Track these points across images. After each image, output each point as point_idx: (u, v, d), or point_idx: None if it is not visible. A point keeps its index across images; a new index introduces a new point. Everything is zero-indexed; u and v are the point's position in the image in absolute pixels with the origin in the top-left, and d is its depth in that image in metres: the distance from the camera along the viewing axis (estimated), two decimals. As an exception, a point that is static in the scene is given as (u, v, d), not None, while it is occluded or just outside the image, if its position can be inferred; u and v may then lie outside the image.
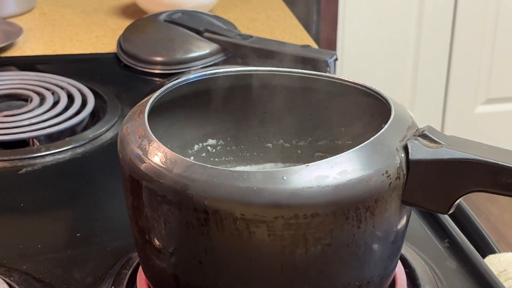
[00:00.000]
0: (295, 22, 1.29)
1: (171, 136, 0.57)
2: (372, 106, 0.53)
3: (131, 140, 0.48)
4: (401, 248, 0.52)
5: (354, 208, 0.44)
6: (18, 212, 0.71)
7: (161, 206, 0.45)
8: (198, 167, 0.44)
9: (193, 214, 0.44)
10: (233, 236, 0.44)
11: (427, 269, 0.59)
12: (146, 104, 0.51)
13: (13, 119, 0.86)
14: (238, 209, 0.43)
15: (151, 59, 1.03)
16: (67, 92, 0.94)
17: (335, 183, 0.43)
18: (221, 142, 0.61)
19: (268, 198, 0.43)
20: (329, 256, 0.46)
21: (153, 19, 1.11)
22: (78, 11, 1.33)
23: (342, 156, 0.44)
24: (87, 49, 1.15)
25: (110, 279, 0.58)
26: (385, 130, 0.47)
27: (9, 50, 1.14)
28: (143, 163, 0.46)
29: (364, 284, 0.49)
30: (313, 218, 0.43)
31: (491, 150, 0.47)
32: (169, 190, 0.44)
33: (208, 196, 0.43)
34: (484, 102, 2.16)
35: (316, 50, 0.98)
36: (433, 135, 0.47)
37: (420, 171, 0.46)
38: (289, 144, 0.61)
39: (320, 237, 0.44)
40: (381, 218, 0.46)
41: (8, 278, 0.58)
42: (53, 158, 0.79)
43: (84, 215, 0.70)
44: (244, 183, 0.43)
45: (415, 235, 0.65)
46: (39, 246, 0.64)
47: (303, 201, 0.43)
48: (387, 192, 0.45)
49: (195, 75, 0.56)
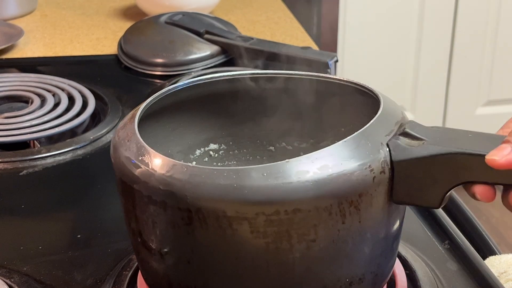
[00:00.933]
0: (296, 24, 1.29)
1: (172, 141, 0.58)
2: (369, 105, 0.53)
3: (120, 144, 0.48)
4: (397, 247, 0.52)
5: (336, 203, 0.44)
6: (19, 213, 0.71)
7: (148, 207, 0.46)
8: (180, 166, 0.44)
9: (177, 213, 0.44)
10: (217, 234, 0.44)
11: (427, 271, 0.59)
12: (138, 109, 0.51)
13: (14, 121, 0.86)
14: (220, 207, 0.43)
15: (152, 60, 1.04)
16: (68, 94, 0.94)
17: (316, 177, 0.43)
18: (223, 146, 0.61)
19: (248, 195, 0.43)
20: (315, 253, 0.46)
21: (153, 21, 1.11)
22: (79, 13, 1.34)
23: (323, 151, 0.44)
24: (88, 51, 1.15)
25: (110, 280, 0.58)
26: (371, 124, 0.47)
27: (10, 51, 1.14)
28: (131, 166, 0.46)
29: (355, 281, 0.48)
30: (295, 214, 0.43)
31: (475, 138, 0.47)
32: (154, 191, 0.45)
33: (190, 195, 0.43)
34: (485, 103, 2.16)
35: (317, 52, 0.98)
36: (414, 131, 0.47)
37: (404, 170, 0.46)
38: (292, 147, 0.61)
39: (304, 233, 0.44)
40: (367, 213, 0.46)
41: (9, 279, 0.58)
42: (54, 159, 0.79)
43: (85, 216, 0.70)
44: (225, 180, 0.43)
45: (415, 236, 0.65)
46: (40, 247, 0.64)
47: (283, 196, 0.43)
48: (372, 187, 0.45)
49: (193, 79, 0.56)
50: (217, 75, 0.57)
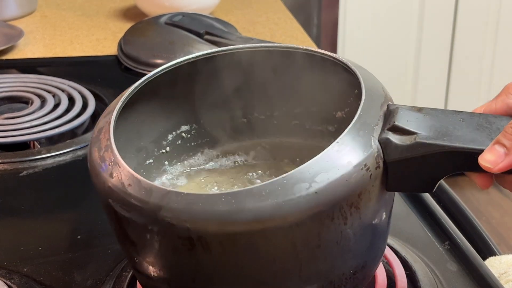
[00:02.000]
0: (296, 24, 1.29)
1: (143, 133, 0.57)
2: (342, 74, 0.52)
3: (101, 168, 0.47)
4: (390, 225, 0.52)
5: (338, 208, 0.44)
6: (19, 214, 0.71)
7: (145, 235, 0.45)
8: (174, 195, 0.43)
9: (178, 241, 0.43)
10: (221, 256, 0.44)
11: (427, 271, 0.59)
12: (110, 121, 0.49)
13: (14, 122, 0.86)
14: (222, 232, 0.42)
15: (152, 61, 1.04)
16: (68, 95, 0.94)
17: (315, 189, 0.42)
18: (194, 126, 0.60)
19: (249, 218, 0.42)
20: (320, 256, 0.45)
21: (153, 21, 1.11)
22: (79, 13, 1.34)
23: (318, 158, 0.43)
24: (88, 52, 1.15)
25: (110, 281, 0.58)
26: (358, 117, 0.46)
27: (10, 52, 1.14)
28: (119, 194, 0.45)
29: (359, 269, 0.49)
30: (298, 227, 0.43)
31: (468, 125, 0.46)
32: (150, 220, 0.43)
33: (190, 224, 0.42)
34: (485, 104, 2.16)
35: (317, 52, 0.98)
36: (404, 122, 0.46)
37: (398, 167, 0.46)
38: (264, 116, 0.60)
39: (309, 242, 0.44)
40: (367, 208, 0.46)
41: (9, 280, 0.58)
42: (54, 160, 0.79)
43: (85, 217, 0.70)
44: (224, 206, 0.42)
45: (416, 237, 0.65)
46: (40, 248, 0.64)
47: (286, 213, 0.42)
48: (369, 184, 0.45)
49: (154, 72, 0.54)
50: (177, 62, 0.55)
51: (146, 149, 0.57)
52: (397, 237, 0.64)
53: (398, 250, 0.61)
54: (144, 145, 0.57)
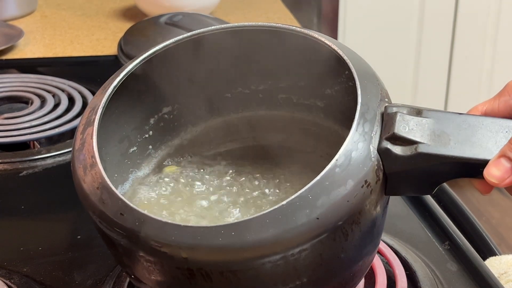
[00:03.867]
0: (296, 24, 1.29)
1: (124, 123, 0.55)
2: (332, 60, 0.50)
3: (89, 191, 0.45)
4: (383, 226, 0.51)
5: (340, 228, 0.43)
6: (19, 214, 0.71)
7: (142, 262, 0.44)
8: (171, 227, 0.41)
9: (176, 271, 0.42)
10: (222, 284, 0.43)
11: (427, 272, 0.59)
12: (92, 133, 0.47)
13: (14, 122, 0.86)
14: (223, 263, 0.42)
15: (152, 61, 1.03)
16: (68, 95, 0.94)
17: (317, 214, 0.41)
18: (176, 106, 0.58)
19: (251, 249, 0.41)
20: (322, 272, 0.45)
21: (153, 21, 1.11)
22: (79, 13, 1.34)
23: (318, 180, 0.42)
24: (88, 52, 1.15)
25: (110, 281, 0.58)
26: (356, 127, 0.43)
27: (10, 52, 1.14)
28: (110, 222, 0.43)
29: (356, 272, 0.49)
30: (301, 254, 0.42)
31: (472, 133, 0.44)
32: (146, 251, 0.42)
33: (189, 257, 0.41)
34: (485, 104, 2.15)
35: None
36: (404, 130, 0.44)
37: (398, 177, 0.45)
38: (249, 90, 0.58)
39: (311, 263, 0.44)
40: (366, 220, 0.45)
41: (9, 280, 0.58)
42: (54, 160, 0.79)
43: (85, 217, 0.69)
44: (224, 239, 0.41)
45: (416, 237, 0.65)
46: (40, 248, 0.64)
47: (288, 243, 0.41)
48: (370, 198, 0.44)
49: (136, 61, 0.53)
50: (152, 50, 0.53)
51: (129, 137, 0.56)
52: (397, 237, 0.64)
53: (398, 250, 0.61)
54: (126, 134, 0.55)
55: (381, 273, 0.57)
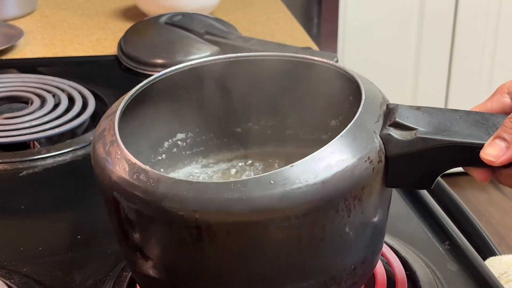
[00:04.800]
0: (296, 24, 1.29)
1: (140, 137, 0.57)
2: (338, 81, 0.53)
3: (107, 161, 0.47)
4: (386, 222, 0.52)
5: (343, 200, 0.44)
6: (18, 214, 0.71)
7: (150, 227, 0.45)
8: (184, 184, 0.43)
9: (185, 231, 0.43)
10: (228, 246, 0.44)
11: (427, 271, 0.59)
12: (114, 119, 0.49)
13: (14, 122, 0.86)
14: (231, 220, 0.43)
15: (152, 61, 1.04)
16: (68, 95, 0.94)
17: (322, 179, 0.43)
18: (190, 134, 0.60)
19: (258, 206, 0.42)
20: (324, 250, 0.46)
21: (153, 21, 1.11)
22: (79, 13, 1.34)
23: (324, 150, 0.44)
24: (88, 52, 1.15)
25: (110, 281, 0.58)
26: (360, 114, 0.47)
27: (10, 52, 1.14)
28: (125, 185, 0.45)
29: (358, 265, 0.49)
30: (305, 218, 0.44)
31: (465, 121, 0.48)
32: (157, 211, 0.43)
33: (199, 212, 0.42)
34: (485, 104, 2.15)
35: (317, 52, 0.98)
36: (405, 119, 0.48)
37: (398, 162, 0.47)
38: (258, 126, 0.61)
39: (314, 234, 0.45)
40: (368, 203, 0.47)
41: (9, 280, 0.58)
42: (53, 160, 0.79)
43: (85, 217, 0.70)
44: (233, 193, 0.42)
45: (416, 237, 0.65)
46: (40, 248, 0.64)
47: (294, 202, 0.43)
48: (372, 177, 0.46)
49: (154, 76, 0.55)
50: (176, 68, 0.55)
51: (143, 154, 0.57)
52: (397, 237, 0.64)
53: (398, 250, 0.61)
54: (141, 150, 0.57)
55: (381, 273, 0.57)
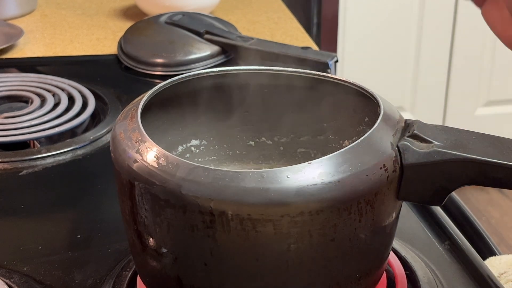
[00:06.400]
0: (296, 24, 1.29)
1: (155, 139, 0.57)
2: (354, 101, 0.54)
3: (127, 145, 0.47)
4: (393, 239, 0.53)
5: (356, 202, 0.45)
6: (18, 213, 0.71)
7: (164, 211, 0.45)
8: (202, 170, 0.44)
9: (198, 217, 0.44)
10: (239, 236, 0.44)
11: (427, 271, 0.59)
12: (137, 108, 0.50)
13: (14, 121, 0.86)
14: (245, 210, 0.43)
15: (152, 61, 1.04)
16: (68, 94, 0.94)
17: (338, 178, 0.44)
18: (204, 142, 0.61)
19: (274, 197, 0.43)
20: (332, 251, 0.46)
21: (153, 21, 1.11)
22: (79, 13, 1.34)
23: (342, 152, 0.45)
24: (88, 51, 1.15)
25: (110, 281, 0.58)
26: (378, 125, 0.48)
27: (10, 51, 1.14)
28: (144, 168, 0.45)
29: (364, 275, 0.49)
30: (318, 215, 0.44)
31: (481, 141, 0.48)
32: (173, 194, 0.44)
33: (214, 199, 0.43)
34: (484, 104, 2.16)
35: (317, 52, 0.98)
36: (423, 133, 0.49)
37: (413, 172, 0.47)
38: (271, 142, 0.62)
39: (325, 233, 0.45)
40: (380, 211, 0.47)
41: (9, 279, 0.58)
42: (53, 159, 0.79)
43: (85, 217, 0.70)
44: (250, 183, 0.43)
45: (415, 237, 0.65)
46: (40, 248, 0.64)
47: (309, 198, 0.43)
48: (385, 186, 0.46)
49: (176, 78, 0.55)
50: (197, 73, 0.56)
51: None
52: (397, 237, 0.64)
53: (398, 250, 0.61)
54: None
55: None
